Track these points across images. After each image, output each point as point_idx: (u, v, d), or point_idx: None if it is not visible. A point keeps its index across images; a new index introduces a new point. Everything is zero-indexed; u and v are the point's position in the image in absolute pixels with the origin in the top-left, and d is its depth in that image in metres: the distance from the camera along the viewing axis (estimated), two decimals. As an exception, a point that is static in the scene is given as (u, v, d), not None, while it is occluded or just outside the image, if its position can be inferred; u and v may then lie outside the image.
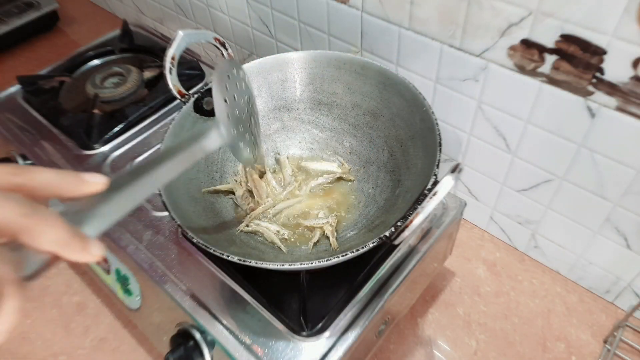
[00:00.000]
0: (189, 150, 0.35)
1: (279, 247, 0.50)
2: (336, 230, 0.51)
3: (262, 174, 0.56)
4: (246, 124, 0.43)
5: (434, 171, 0.42)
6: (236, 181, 0.55)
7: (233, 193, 0.54)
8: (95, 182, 0.26)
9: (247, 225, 0.51)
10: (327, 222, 0.50)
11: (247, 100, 0.44)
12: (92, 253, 0.24)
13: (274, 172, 0.58)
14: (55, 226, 0.23)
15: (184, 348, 0.46)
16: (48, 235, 0.22)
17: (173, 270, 0.50)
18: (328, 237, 0.50)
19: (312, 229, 0.51)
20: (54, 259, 0.24)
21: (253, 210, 0.53)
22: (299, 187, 0.55)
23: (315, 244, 0.50)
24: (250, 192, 0.55)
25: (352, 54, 0.55)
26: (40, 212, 0.22)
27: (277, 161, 0.58)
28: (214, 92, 0.39)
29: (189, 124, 0.52)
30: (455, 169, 0.37)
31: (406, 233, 0.37)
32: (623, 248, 0.55)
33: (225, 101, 0.40)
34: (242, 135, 0.42)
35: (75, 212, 0.26)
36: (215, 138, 0.37)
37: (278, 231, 0.51)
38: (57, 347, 0.63)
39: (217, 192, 0.53)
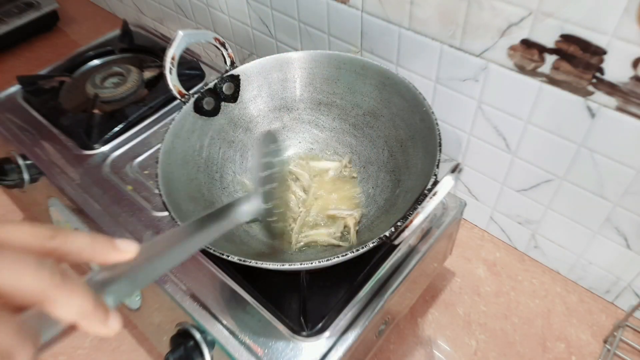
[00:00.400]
0: (219, 224, 0.35)
1: (338, 245, 0.50)
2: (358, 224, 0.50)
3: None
4: (277, 196, 0.42)
5: (434, 171, 0.42)
6: None
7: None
8: (126, 251, 0.26)
9: (299, 242, 0.51)
10: (352, 214, 0.50)
11: (279, 171, 0.44)
12: (111, 327, 0.24)
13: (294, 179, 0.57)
14: (82, 297, 0.22)
15: (184, 348, 0.46)
16: (73, 307, 0.22)
17: (173, 270, 0.50)
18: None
19: (335, 218, 0.51)
20: (70, 330, 0.23)
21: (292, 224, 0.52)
22: (320, 187, 0.55)
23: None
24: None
25: (352, 54, 0.55)
26: (70, 282, 0.22)
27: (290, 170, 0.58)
28: (255, 167, 0.40)
29: (189, 124, 0.52)
30: (455, 169, 0.37)
31: (406, 233, 0.37)
32: (623, 248, 0.55)
33: (261, 175, 0.41)
34: (272, 208, 0.41)
35: (100, 279, 0.25)
36: (247, 212, 0.38)
37: (331, 232, 0.51)
38: (56, 347, 0.63)
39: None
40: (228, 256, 0.38)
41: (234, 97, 0.56)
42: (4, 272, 0.20)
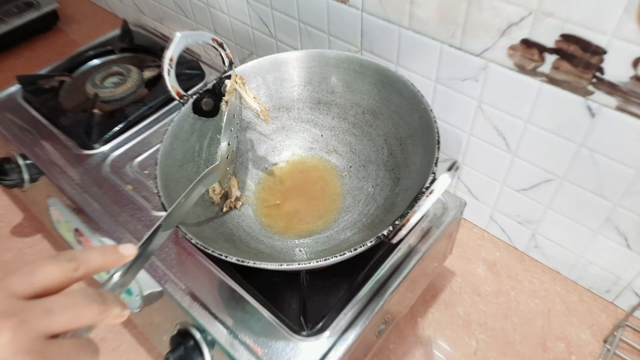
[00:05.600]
0: (197, 187, 0.45)
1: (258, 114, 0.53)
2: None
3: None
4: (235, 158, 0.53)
5: (433, 169, 0.42)
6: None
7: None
8: (128, 254, 0.32)
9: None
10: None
11: (238, 137, 0.54)
12: (124, 316, 0.30)
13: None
14: (115, 309, 0.29)
15: (184, 348, 0.46)
16: (111, 319, 0.28)
17: (173, 270, 0.50)
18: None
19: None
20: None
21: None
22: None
23: None
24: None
25: (352, 54, 0.55)
26: (108, 302, 0.28)
27: None
28: (222, 138, 0.50)
29: (188, 125, 0.52)
30: (452, 167, 0.37)
31: (403, 232, 0.37)
32: (623, 248, 0.55)
33: (229, 144, 0.50)
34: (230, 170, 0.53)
35: (110, 286, 0.32)
36: (215, 178, 0.49)
37: (254, 97, 0.53)
38: (57, 347, 0.63)
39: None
40: (227, 257, 0.38)
41: (233, 97, 0.56)
42: (68, 316, 0.26)
